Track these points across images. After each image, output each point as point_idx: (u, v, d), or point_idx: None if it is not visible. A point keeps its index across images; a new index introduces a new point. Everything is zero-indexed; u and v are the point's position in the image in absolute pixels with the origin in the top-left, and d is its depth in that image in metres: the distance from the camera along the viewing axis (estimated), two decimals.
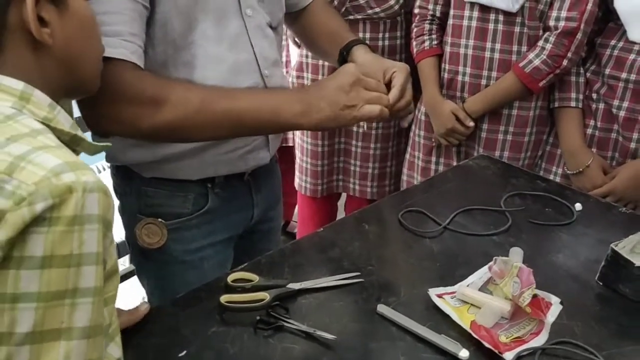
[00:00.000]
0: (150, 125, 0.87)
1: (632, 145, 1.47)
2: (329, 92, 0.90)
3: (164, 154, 0.99)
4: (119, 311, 0.86)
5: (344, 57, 1.10)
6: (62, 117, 0.64)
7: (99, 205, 0.56)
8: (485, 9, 1.52)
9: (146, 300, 1.23)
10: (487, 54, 1.55)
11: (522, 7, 1.49)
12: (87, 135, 0.72)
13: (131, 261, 1.19)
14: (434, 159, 1.74)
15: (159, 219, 1.04)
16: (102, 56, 0.78)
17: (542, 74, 1.51)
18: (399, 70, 0.97)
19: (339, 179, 1.96)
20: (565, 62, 1.50)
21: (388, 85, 0.97)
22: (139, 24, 0.86)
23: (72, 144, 0.64)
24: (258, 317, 0.87)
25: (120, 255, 1.86)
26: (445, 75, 1.64)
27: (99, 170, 2.26)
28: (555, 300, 0.91)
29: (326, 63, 1.77)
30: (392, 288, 0.96)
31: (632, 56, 1.42)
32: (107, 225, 0.58)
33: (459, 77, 1.61)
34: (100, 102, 0.84)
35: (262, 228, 1.21)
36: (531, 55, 1.51)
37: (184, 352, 0.82)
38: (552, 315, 0.88)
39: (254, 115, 0.90)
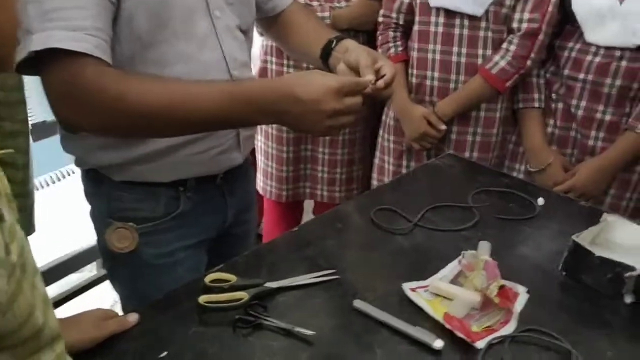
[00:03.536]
0: (109, 122, 0.88)
1: (590, 142, 1.54)
2: (308, 122, 0.89)
3: (132, 155, 1.00)
4: (108, 315, 0.86)
5: (331, 45, 1.08)
6: None
7: None
8: (450, 15, 1.57)
9: (118, 304, 1.22)
10: (454, 58, 1.60)
11: (487, 12, 1.54)
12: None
13: (103, 266, 1.19)
14: (404, 162, 1.77)
15: (130, 223, 1.04)
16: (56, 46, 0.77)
17: (508, 75, 1.57)
18: (389, 66, 0.98)
19: (305, 186, 1.97)
20: (529, 63, 1.56)
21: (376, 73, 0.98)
22: (104, 19, 0.86)
23: None
24: (237, 316, 0.88)
25: (90, 261, 1.84)
26: (414, 80, 1.67)
27: (65, 174, 2.22)
28: (522, 289, 0.95)
29: (291, 69, 1.79)
30: (367, 284, 0.98)
31: (589, 57, 1.49)
32: None
33: (427, 82, 1.65)
34: (63, 96, 0.85)
35: (236, 232, 1.21)
36: (496, 57, 1.57)
37: (165, 353, 0.83)
38: (519, 304, 0.92)
39: (219, 122, 0.92)
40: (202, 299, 0.90)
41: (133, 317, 0.87)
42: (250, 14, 1.11)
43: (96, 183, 1.06)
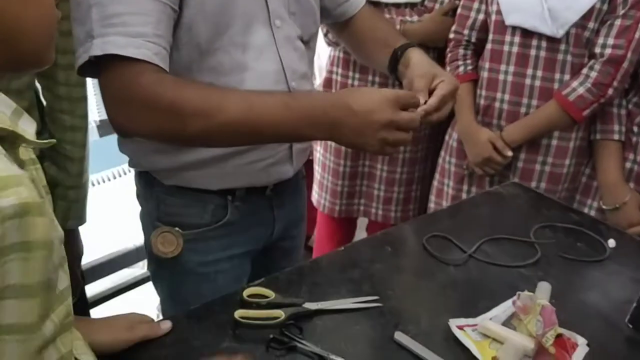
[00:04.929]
0: (164, 132, 0.86)
1: None
2: (362, 135, 0.85)
3: (184, 161, 0.99)
4: (142, 320, 0.86)
5: (397, 57, 1.06)
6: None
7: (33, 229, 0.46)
8: (527, 34, 1.49)
9: (159, 309, 1.22)
10: (528, 81, 1.51)
11: (567, 34, 1.45)
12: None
13: (147, 268, 1.19)
14: (465, 187, 1.68)
15: (176, 228, 1.03)
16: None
17: (586, 103, 1.46)
18: (446, 82, 0.94)
19: (360, 203, 1.92)
20: (610, 91, 1.45)
21: (431, 93, 0.94)
22: (165, 26, 0.85)
23: (11, 138, 0.52)
24: (271, 336, 0.85)
25: (139, 259, 1.87)
26: (481, 102, 1.60)
27: (119, 174, 2.27)
28: (581, 341, 0.87)
29: (355, 81, 1.76)
30: (411, 315, 0.93)
31: None
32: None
33: (496, 104, 1.57)
34: (118, 102, 0.85)
35: (283, 245, 1.19)
36: (575, 83, 1.47)
37: None
38: (577, 357, 0.84)
39: (275, 135, 0.89)
40: (238, 313, 0.87)
41: (165, 325, 0.86)
42: (314, 24, 1.08)
43: (147, 185, 1.06)
